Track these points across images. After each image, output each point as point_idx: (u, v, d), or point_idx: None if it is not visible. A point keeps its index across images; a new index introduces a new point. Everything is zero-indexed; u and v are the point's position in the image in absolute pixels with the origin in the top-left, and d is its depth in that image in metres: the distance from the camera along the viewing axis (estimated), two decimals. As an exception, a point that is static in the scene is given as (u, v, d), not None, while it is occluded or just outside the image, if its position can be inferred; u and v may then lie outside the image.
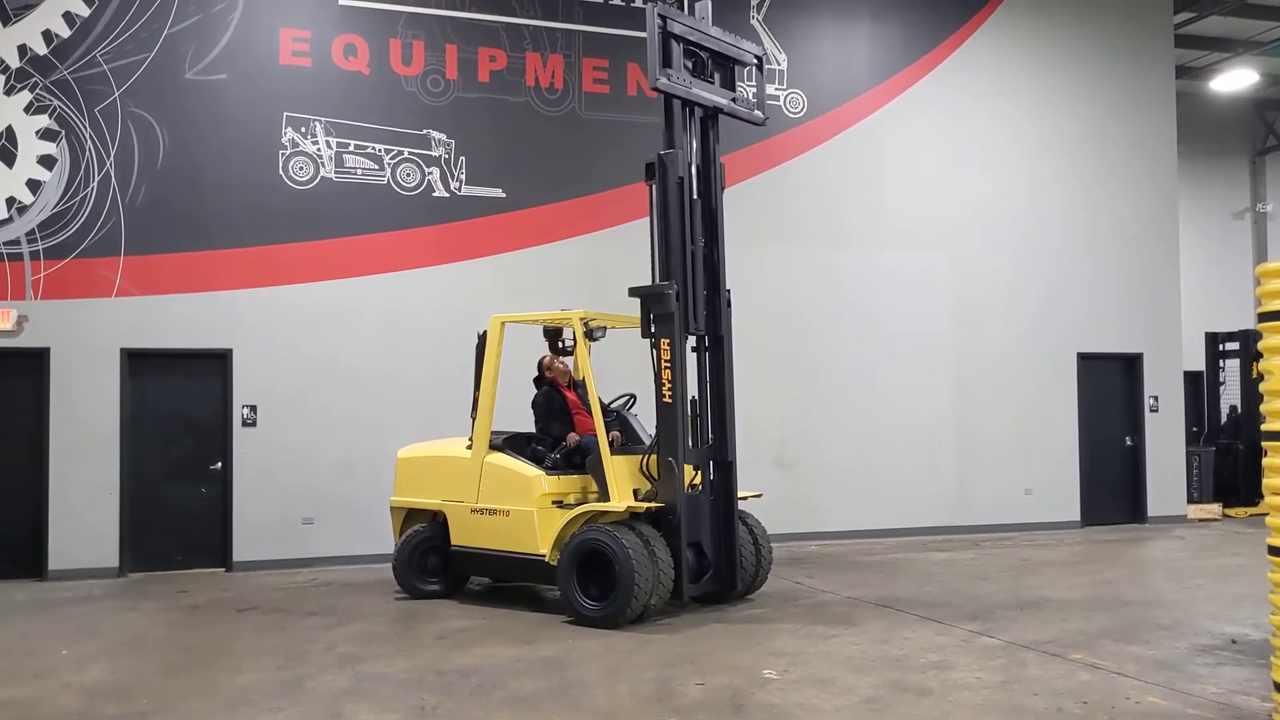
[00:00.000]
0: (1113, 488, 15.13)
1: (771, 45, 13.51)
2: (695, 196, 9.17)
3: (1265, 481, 6.19)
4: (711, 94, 9.37)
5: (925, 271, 14.11)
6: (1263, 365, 6.19)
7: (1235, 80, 18.69)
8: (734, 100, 9.57)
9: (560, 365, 9.95)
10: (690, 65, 9.23)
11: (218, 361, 11.52)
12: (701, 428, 9.14)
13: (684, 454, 8.66)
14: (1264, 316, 6.21)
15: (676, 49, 8.98)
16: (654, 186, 8.98)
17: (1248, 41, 17.90)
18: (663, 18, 8.85)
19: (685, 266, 8.90)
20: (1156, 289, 15.30)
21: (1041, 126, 14.86)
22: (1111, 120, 15.19)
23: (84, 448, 11.02)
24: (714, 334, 9.25)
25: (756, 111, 9.81)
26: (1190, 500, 15.72)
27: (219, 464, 11.50)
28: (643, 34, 12.49)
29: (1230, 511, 16.06)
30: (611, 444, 8.97)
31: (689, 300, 8.91)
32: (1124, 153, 15.23)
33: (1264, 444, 6.19)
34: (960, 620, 8.49)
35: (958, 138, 14.40)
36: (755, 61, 9.82)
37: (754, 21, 13.32)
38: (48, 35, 11.07)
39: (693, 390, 9.10)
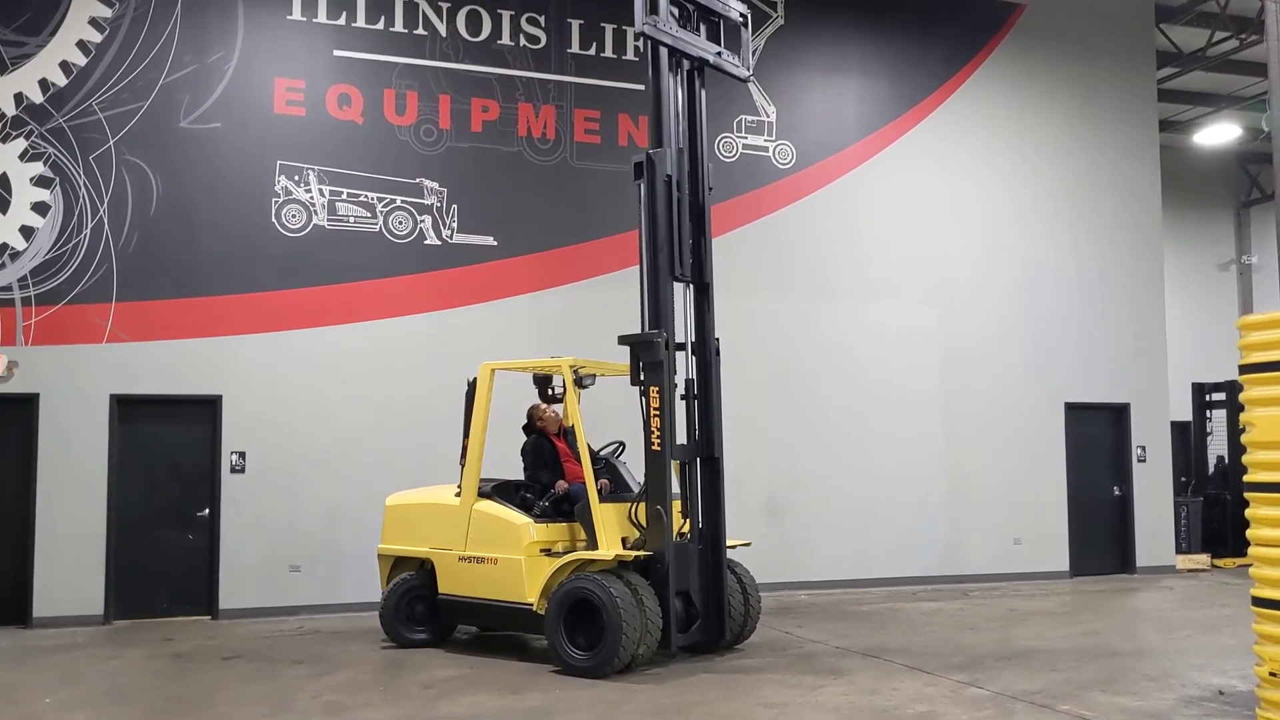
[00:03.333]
0: (1101, 538, 15.13)
1: (761, 98, 13.68)
2: (681, 146, 9.27)
3: (1250, 532, 6.23)
4: (698, 45, 9.44)
5: (914, 322, 14.19)
6: (1245, 417, 6.26)
7: (1218, 134, 18.99)
8: (719, 54, 9.63)
9: (550, 413, 9.97)
10: (676, 14, 9.29)
11: (207, 407, 11.51)
12: (689, 424, 9.17)
13: (672, 444, 8.68)
14: (1246, 369, 6.28)
15: None
16: (642, 186, 9.06)
17: (1230, 97, 18.20)
18: None
19: (674, 255, 8.98)
20: (1143, 339, 15.41)
21: (1028, 179, 15.03)
22: (1098, 172, 15.37)
23: (72, 494, 10.98)
24: (699, 282, 9.35)
25: (741, 68, 9.88)
26: (1179, 550, 15.71)
27: (207, 510, 11.46)
28: (633, 85, 12.83)
29: (1219, 562, 16.05)
30: (600, 492, 8.98)
31: (674, 251, 8.98)
32: (1111, 205, 15.40)
33: (1248, 495, 6.23)
34: (948, 670, 8.47)
35: (945, 189, 14.55)
36: (741, 18, 9.90)
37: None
38: (44, 84, 11.18)
39: (683, 383, 9.23)
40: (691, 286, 9.38)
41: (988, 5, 14.85)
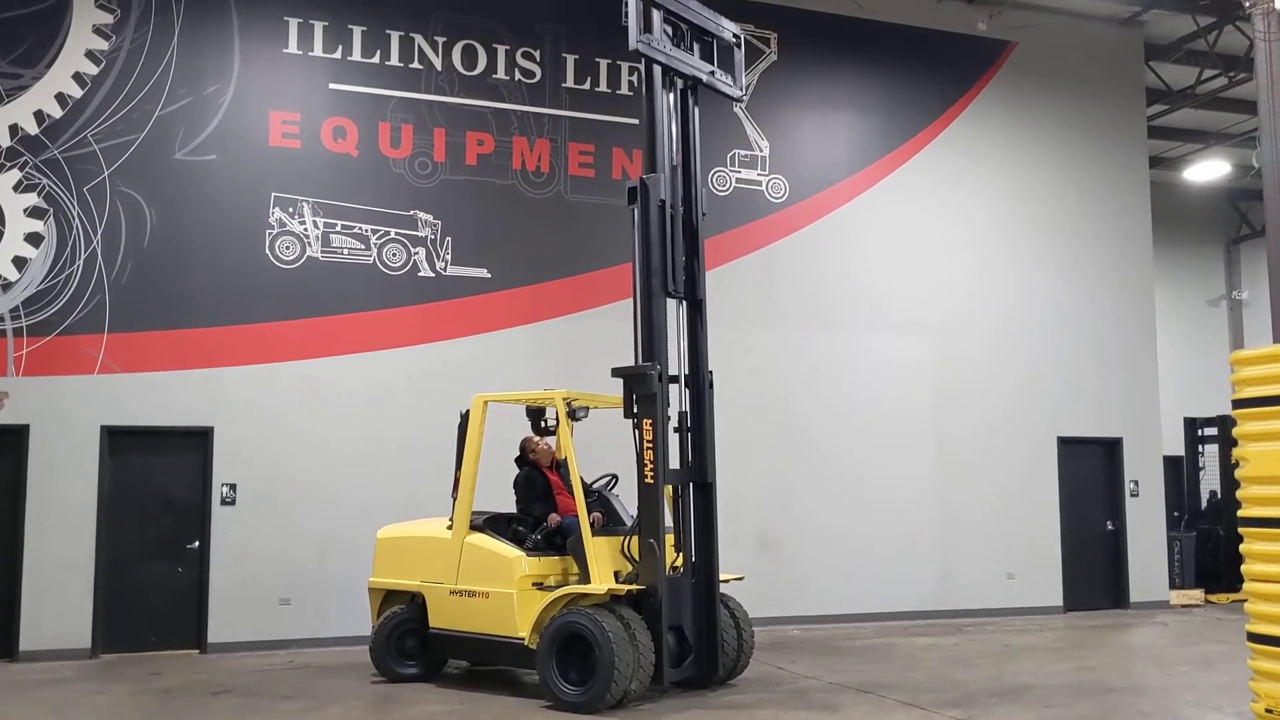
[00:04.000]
0: (1095, 573, 15.09)
1: (754, 133, 13.76)
2: (675, 164, 9.38)
3: (1245, 568, 6.22)
4: (691, 64, 9.52)
5: (906, 355, 14.21)
6: (1238, 452, 6.26)
7: (1208, 171, 19.15)
8: (713, 74, 9.71)
9: (543, 445, 9.94)
10: (670, 33, 9.37)
11: (199, 439, 11.46)
12: (682, 453, 9.16)
13: (665, 475, 8.68)
14: (1238, 403, 6.30)
15: (657, 16, 9.12)
16: (635, 210, 9.11)
17: (1219, 134, 18.36)
18: None
19: (666, 277, 9.04)
20: (1135, 374, 15.43)
21: (1020, 214, 15.10)
22: (1089, 208, 15.45)
23: (61, 526, 10.90)
24: (693, 299, 9.41)
25: (734, 87, 9.94)
26: (1172, 586, 15.68)
27: (196, 543, 11.39)
28: (628, 119, 12.89)
29: (1213, 597, 16.02)
30: (593, 525, 8.93)
31: (668, 269, 9.07)
32: (1102, 240, 15.46)
33: (1242, 530, 6.22)
34: (942, 707, 8.41)
35: (938, 224, 14.61)
36: (734, 39, 9.98)
37: (736, 109, 13.56)
38: (39, 115, 11.20)
39: (676, 415, 9.26)
40: (684, 304, 9.42)
41: (979, 42, 14.96)
